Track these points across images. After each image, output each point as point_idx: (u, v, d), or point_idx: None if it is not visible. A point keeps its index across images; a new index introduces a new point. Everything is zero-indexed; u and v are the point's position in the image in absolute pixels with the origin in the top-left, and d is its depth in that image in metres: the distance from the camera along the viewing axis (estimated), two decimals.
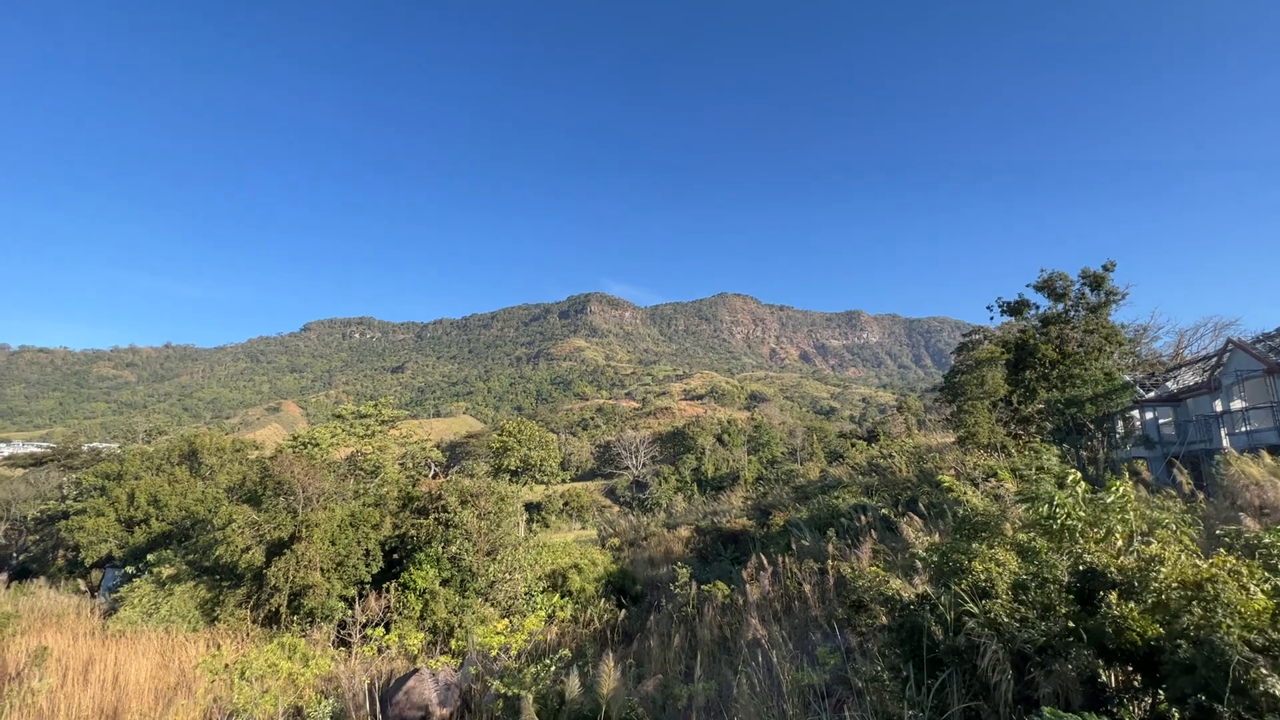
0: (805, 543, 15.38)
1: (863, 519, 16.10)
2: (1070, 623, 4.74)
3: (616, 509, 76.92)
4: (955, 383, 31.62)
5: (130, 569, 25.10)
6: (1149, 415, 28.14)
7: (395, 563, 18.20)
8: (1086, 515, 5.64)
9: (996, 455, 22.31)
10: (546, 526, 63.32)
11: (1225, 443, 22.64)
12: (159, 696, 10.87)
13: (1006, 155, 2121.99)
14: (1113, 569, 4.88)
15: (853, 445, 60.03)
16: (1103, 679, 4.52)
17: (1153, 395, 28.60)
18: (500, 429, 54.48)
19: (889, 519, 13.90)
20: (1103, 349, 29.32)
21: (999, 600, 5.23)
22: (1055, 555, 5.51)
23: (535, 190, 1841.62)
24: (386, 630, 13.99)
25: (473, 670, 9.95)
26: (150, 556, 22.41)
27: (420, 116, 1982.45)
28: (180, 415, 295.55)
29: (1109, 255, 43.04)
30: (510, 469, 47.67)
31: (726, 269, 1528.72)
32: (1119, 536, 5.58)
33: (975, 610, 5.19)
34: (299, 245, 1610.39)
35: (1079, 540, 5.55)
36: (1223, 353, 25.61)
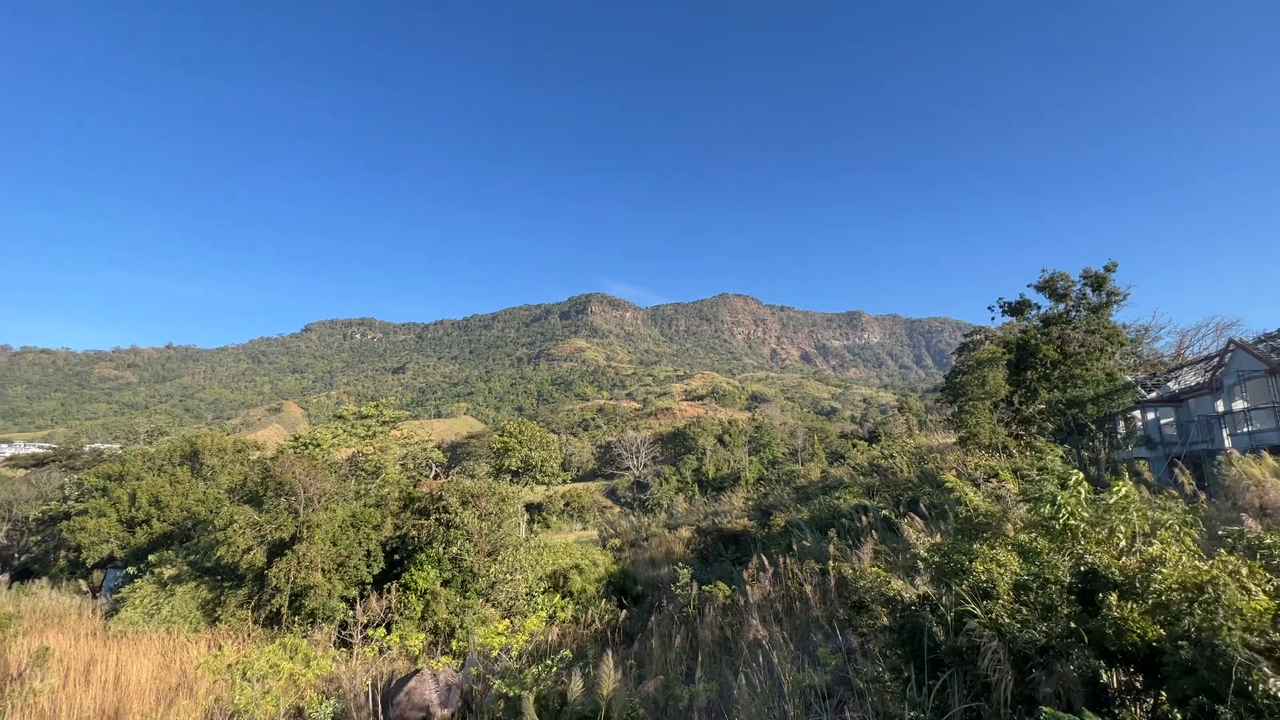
0: (806, 543, 15.34)
1: (864, 520, 16.04)
2: (1071, 624, 4.73)
3: (617, 510, 76.96)
4: (956, 383, 31.53)
5: (132, 569, 25.16)
6: (1151, 416, 28.13)
7: (396, 563, 18.21)
8: (1089, 516, 5.64)
9: (998, 456, 22.26)
10: (547, 527, 63.37)
11: (1227, 443, 22.64)
12: (160, 697, 10.89)
13: (1006, 155, 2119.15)
14: (1114, 570, 4.87)
15: (854, 446, 60.03)
16: (1104, 680, 4.51)
17: (1154, 396, 28.60)
18: (501, 430, 54.52)
19: (890, 520, 13.87)
20: (1104, 349, 29.28)
21: (1000, 601, 5.22)
22: (1057, 556, 5.50)
23: (535, 190, 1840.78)
24: (388, 631, 13.99)
25: (474, 671, 9.95)
26: (152, 557, 22.50)
27: (420, 116, 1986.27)
28: (182, 416, 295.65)
29: (1110, 255, 43.09)
30: (511, 469, 47.79)
31: (727, 269, 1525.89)
32: (1121, 537, 5.57)
33: (976, 611, 5.18)
34: (300, 246, 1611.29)
35: (1081, 541, 5.55)
36: (1224, 353, 25.59)
